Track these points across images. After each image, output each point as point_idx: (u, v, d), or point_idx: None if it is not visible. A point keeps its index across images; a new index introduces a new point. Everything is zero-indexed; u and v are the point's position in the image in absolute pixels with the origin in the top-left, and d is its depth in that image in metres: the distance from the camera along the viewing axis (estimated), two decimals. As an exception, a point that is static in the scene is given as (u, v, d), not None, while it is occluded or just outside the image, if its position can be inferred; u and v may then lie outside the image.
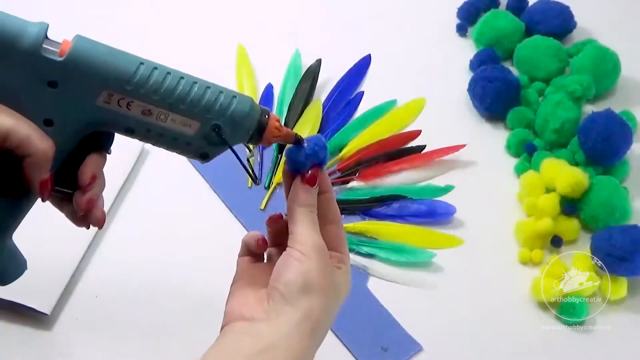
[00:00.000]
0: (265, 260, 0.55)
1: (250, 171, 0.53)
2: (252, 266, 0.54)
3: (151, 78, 0.47)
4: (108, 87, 0.46)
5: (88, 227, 0.52)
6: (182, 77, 0.48)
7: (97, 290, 0.71)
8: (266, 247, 0.55)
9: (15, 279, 0.50)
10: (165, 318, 0.70)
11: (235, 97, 0.50)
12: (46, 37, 0.45)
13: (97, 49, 0.46)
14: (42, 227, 0.73)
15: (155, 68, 0.47)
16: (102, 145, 0.50)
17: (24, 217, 0.50)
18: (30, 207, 0.50)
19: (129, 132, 0.49)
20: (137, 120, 0.48)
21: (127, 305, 0.71)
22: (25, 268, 0.51)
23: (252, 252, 0.55)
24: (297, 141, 0.52)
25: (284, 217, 0.53)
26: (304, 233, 0.50)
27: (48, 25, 0.45)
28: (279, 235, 0.54)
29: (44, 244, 0.72)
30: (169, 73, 0.47)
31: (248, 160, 0.54)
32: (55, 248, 0.72)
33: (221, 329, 0.50)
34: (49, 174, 0.47)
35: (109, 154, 0.51)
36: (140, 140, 0.50)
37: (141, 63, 0.47)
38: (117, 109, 0.47)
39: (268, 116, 0.50)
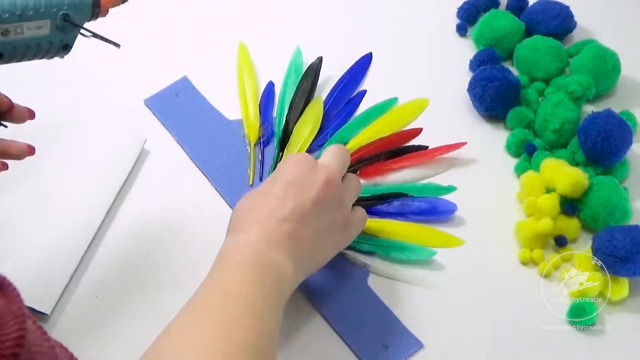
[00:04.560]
0: None
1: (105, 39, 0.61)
2: None
3: None
4: None
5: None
6: None
7: (97, 290, 0.71)
8: None
9: None
10: (166, 318, 0.70)
11: None
12: None
13: None
14: (42, 227, 0.73)
15: None
16: None
17: None
18: None
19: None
20: (2, 44, 0.52)
21: (127, 305, 0.70)
22: None
23: None
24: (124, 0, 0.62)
25: None
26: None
27: None
28: None
29: (44, 244, 0.72)
30: None
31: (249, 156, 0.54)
32: (55, 248, 0.72)
33: None
34: None
35: None
36: (12, 62, 0.55)
37: None
38: None
39: None
